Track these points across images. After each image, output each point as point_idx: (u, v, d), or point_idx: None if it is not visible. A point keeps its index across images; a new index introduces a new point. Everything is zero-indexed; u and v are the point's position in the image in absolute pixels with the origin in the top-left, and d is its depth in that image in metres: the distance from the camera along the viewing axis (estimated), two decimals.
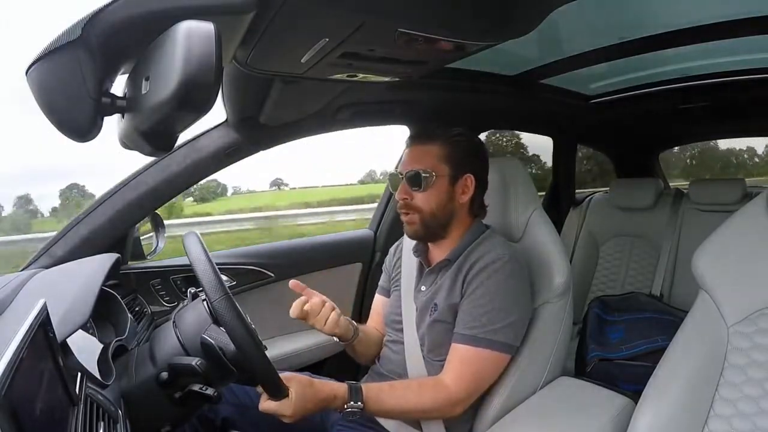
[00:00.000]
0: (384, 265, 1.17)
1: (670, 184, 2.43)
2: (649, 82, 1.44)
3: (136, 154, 0.56)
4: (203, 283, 0.75)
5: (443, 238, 0.98)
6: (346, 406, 0.82)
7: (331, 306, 0.94)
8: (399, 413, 0.89)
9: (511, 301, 0.87)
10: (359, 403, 0.81)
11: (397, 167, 1.02)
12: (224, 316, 0.72)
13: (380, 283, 1.16)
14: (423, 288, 0.99)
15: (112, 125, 0.57)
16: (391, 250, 1.15)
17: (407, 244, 1.07)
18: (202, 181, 1.27)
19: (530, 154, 4.42)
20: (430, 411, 0.87)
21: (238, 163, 1.21)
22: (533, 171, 3.88)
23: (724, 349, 0.76)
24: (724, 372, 0.75)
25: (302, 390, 0.78)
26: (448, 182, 0.94)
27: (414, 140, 0.97)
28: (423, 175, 0.92)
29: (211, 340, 0.75)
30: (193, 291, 0.90)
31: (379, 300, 1.15)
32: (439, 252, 1.00)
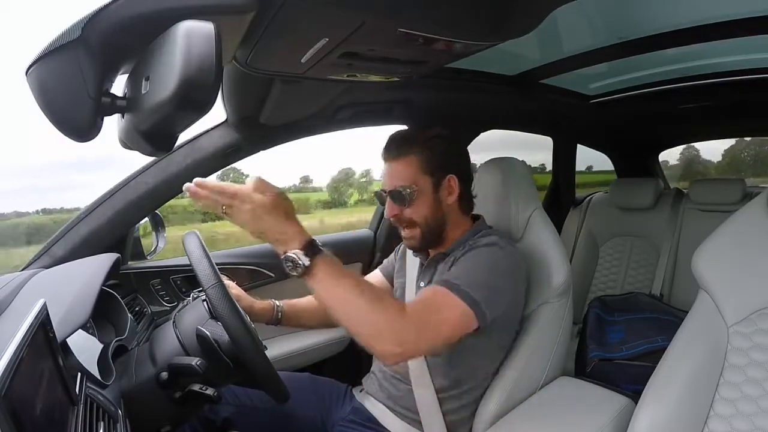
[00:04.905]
0: (388, 257, 1.17)
1: None
2: (649, 82, 1.43)
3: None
4: (198, 273, 0.75)
5: (442, 242, 0.97)
6: (290, 252, 0.67)
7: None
8: (341, 306, 0.70)
9: (497, 276, 0.82)
10: (306, 259, 0.67)
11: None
12: (217, 303, 0.73)
13: (383, 264, 1.17)
14: (422, 284, 1.00)
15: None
16: (396, 248, 1.15)
17: None
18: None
19: None
20: (373, 324, 0.70)
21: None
22: None
23: (724, 349, 0.76)
24: (724, 372, 0.75)
25: (272, 206, 0.67)
26: (431, 190, 0.92)
27: (388, 156, 0.93)
28: (405, 192, 0.90)
29: (207, 332, 0.76)
30: (194, 294, 0.90)
31: (375, 274, 1.16)
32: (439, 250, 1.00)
